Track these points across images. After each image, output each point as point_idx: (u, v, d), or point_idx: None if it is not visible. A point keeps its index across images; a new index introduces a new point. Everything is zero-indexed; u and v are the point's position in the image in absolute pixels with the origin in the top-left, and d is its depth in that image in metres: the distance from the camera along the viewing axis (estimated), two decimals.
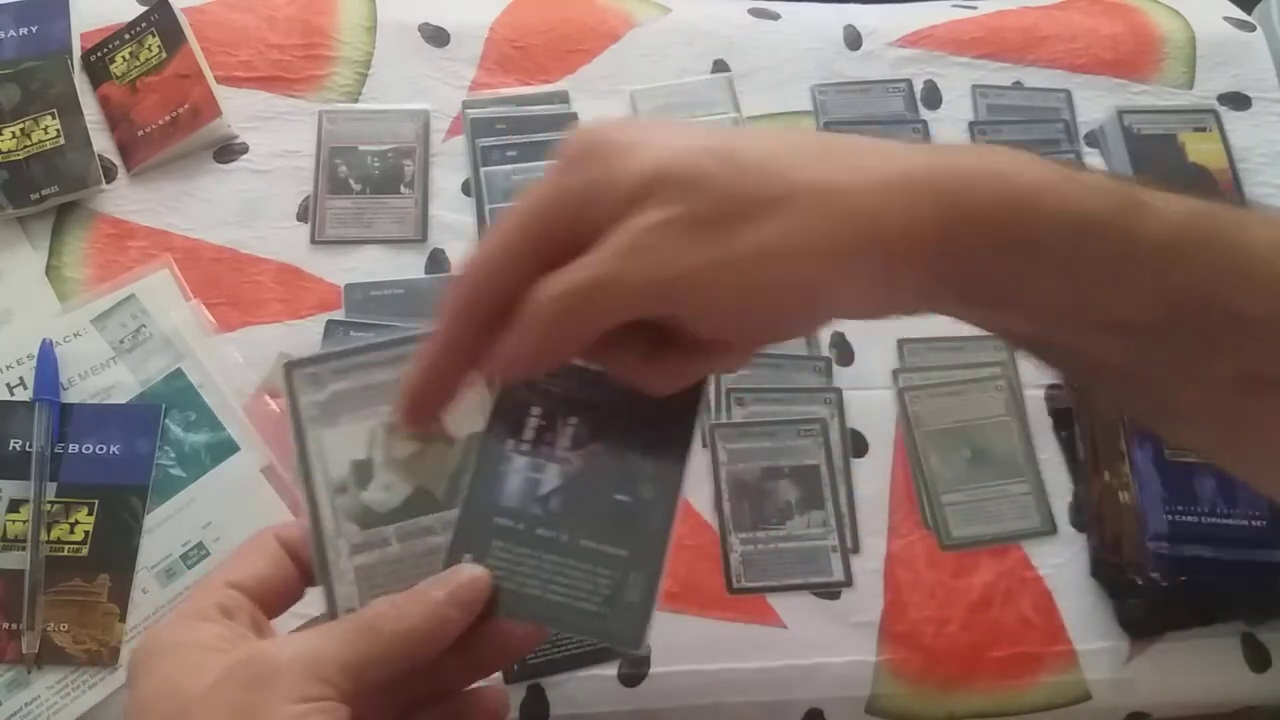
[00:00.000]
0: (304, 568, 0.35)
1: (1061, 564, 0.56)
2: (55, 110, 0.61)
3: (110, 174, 0.61)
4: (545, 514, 0.35)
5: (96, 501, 0.52)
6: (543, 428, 0.36)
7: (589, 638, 0.35)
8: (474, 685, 0.36)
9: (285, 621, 0.35)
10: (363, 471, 0.36)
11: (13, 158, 0.59)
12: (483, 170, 0.62)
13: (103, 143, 0.61)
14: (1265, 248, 0.29)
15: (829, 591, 0.54)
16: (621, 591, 0.34)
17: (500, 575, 0.34)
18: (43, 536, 0.51)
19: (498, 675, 0.47)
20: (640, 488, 0.36)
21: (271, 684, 0.29)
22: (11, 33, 0.63)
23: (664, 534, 0.35)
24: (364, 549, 0.35)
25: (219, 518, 0.53)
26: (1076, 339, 0.31)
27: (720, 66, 0.68)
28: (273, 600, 0.35)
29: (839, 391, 0.59)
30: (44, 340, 0.55)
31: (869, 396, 0.59)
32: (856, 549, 0.55)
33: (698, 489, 0.55)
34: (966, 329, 0.33)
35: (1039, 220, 0.29)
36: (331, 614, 0.34)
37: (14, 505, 0.52)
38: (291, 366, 0.36)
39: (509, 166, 0.63)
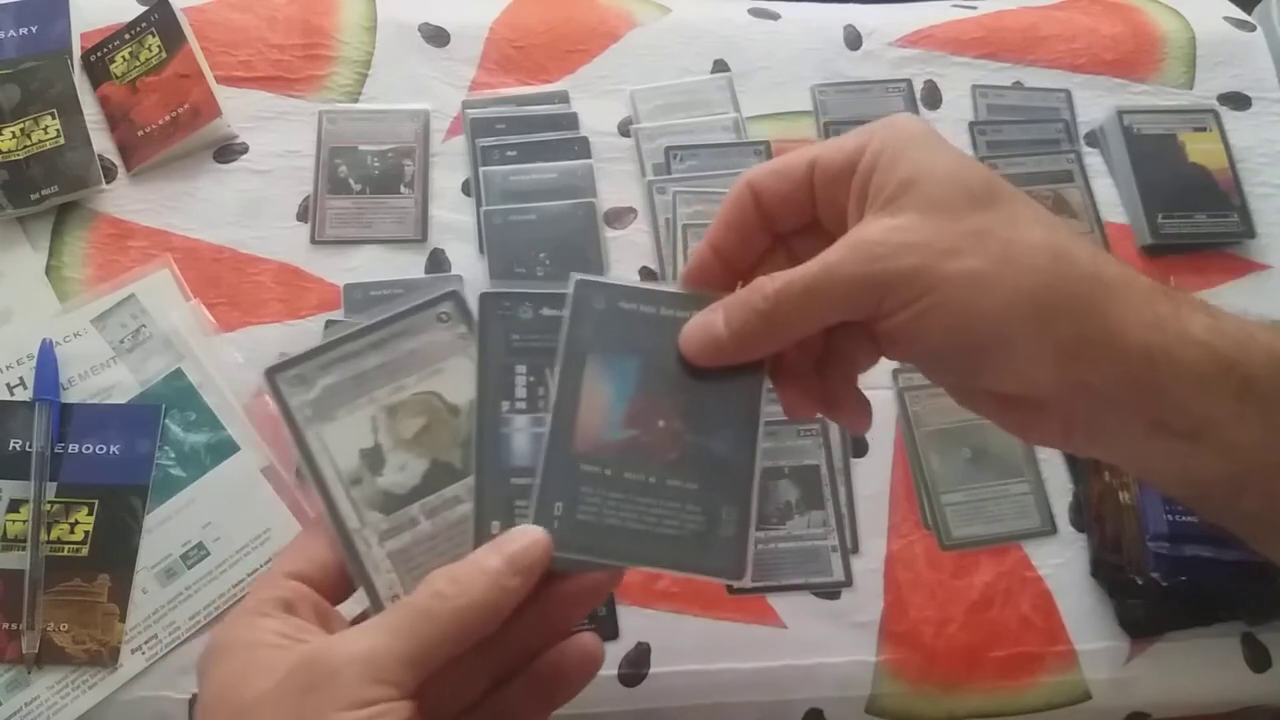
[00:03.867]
0: None
1: (1061, 564, 0.56)
2: (55, 110, 0.61)
3: (110, 174, 0.61)
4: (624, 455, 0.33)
5: (96, 501, 0.52)
6: (533, 384, 0.35)
7: (687, 573, 0.33)
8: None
9: (349, 607, 0.34)
10: (374, 458, 0.34)
11: (13, 158, 0.59)
12: (483, 170, 0.62)
13: (103, 143, 0.61)
14: None
15: (829, 591, 0.54)
16: (716, 526, 0.33)
17: (589, 515, 0.32)
18: (43, 536, 0.51)
19: None
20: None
21: (328, 689, 0.28)
22: (11, 33, 0.63)
23: (750, 471, 0.33)
24: (393, 534, 0.34)
25: (219, 518, 0.53)
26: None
27: (720, 66, 0.68)
28: (336, 586, 0.34)
29: None
30: (44, 340, 0.55)
31: (869, 396, 0.59)
32: (856, 549, 0.55)
33: None
34: None
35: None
36: (376, 608, 0.33)
37: (14, 505, 0.52)
38: (273, 372, 0.34)
39: (509, 166, 0.63)
